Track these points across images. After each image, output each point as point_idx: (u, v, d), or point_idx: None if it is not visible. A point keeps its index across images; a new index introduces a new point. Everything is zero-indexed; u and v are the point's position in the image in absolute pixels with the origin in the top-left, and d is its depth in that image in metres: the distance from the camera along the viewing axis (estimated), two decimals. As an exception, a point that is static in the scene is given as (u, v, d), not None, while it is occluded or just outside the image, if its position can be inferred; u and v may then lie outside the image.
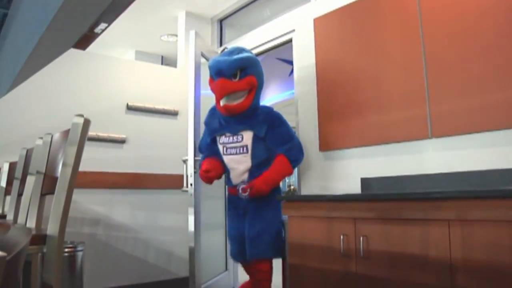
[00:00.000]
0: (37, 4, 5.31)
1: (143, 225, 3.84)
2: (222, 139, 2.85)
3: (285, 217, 2.59)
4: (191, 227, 2.97)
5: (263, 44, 3.89)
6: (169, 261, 3.95)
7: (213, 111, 2.94)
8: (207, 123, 2.98)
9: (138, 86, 3.97)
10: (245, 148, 2.76)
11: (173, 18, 4.46)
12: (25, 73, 4.60)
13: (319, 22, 3.31)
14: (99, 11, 4.45)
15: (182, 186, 3.50)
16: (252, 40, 3.99)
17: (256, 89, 2.76)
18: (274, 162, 2.74)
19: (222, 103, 2.70)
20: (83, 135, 1.32)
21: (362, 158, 2.92)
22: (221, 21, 4.51)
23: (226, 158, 2.83)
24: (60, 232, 1.24)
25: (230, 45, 3.99)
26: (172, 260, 3.96)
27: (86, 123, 1.36)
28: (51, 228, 1.26)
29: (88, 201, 3.58)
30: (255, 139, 2.76)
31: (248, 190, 2.67)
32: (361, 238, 2.11)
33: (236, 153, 2.78)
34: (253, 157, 2.75)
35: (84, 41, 5.04)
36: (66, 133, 1.48)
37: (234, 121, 2.79)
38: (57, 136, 1.61)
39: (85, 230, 3.52)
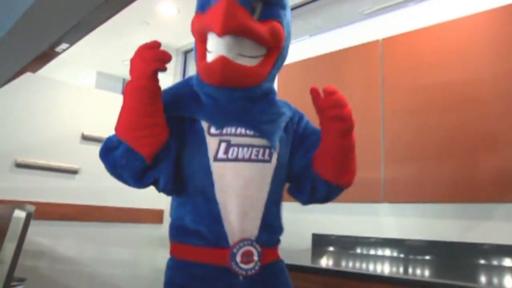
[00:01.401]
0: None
1: (90, 259, 3.74)
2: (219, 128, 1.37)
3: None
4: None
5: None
6: (115, 296, 3.86)
7: (186, 84, 1.50)
8: (174, 94, 1.46)
9: (95, 115, 3.87)
10: (267, 151, 1.36)
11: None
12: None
13: (282, 71, 3.34)
14: (61, 32, 4.35)
15: (134, 220, 3.48)
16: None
17: (279, 54, 1.44)
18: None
19: (221, 51, 1.31)
20: (24, 231, 1.27)
21: (315, 213, 2.96)
22: (185, 53, 4.49)
23: (224, 169, 1.32)
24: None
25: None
26: (119, 295, 3.87)
27: (28, 217, 1.31)
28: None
29: (33, 233, 3.37)
30: (282, 139, 1.44)
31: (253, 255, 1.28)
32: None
33: (250, 159, 1.32)
34: (277, 171, 1.39)
35: (42, 58, 4.89)
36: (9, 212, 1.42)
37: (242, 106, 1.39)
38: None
39: (28, 263, 3.38)
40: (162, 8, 3.98)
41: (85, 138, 3.76)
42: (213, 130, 1.34)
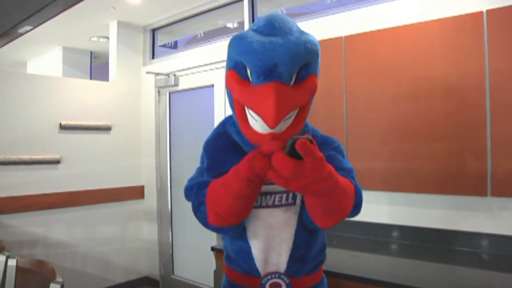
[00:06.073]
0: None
1: (81, 240, 4.02)
2: None
3: None
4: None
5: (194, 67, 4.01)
6: (107, 269, 4.22)
7: (223, 130, 1.48)
8: (213, 151, 1.45)
9: (70, 103, 3.96)
10: (290, 195, 1.39)
11: (105, 25, 4.39)
12: None
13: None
14: (24, 15, 4.25)
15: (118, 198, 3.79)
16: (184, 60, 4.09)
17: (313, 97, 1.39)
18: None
19: (267, 129, 1.22)
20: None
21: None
22: (153, 30, 4.51)
23: (259, 214, 1.39)
24: None
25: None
26: (110, 268, 4.24)
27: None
28: None
29: (25, 224, 3.67)
30: None
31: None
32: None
33: (273, 205, 1.39)
34: (303, 213, 1.37)
35: (4, 36, 4.77)
36: None
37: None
38: None
39: (24, 252, 3.64)
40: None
41: (63, 127, 3.87)
42: None
